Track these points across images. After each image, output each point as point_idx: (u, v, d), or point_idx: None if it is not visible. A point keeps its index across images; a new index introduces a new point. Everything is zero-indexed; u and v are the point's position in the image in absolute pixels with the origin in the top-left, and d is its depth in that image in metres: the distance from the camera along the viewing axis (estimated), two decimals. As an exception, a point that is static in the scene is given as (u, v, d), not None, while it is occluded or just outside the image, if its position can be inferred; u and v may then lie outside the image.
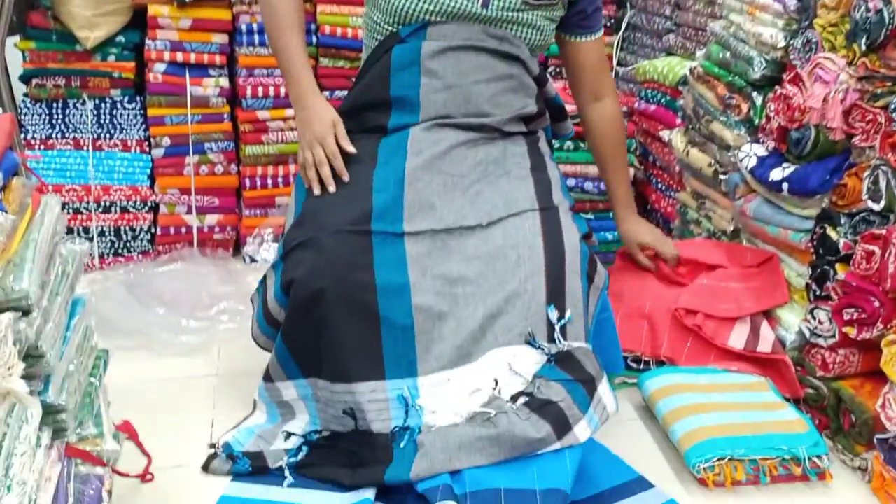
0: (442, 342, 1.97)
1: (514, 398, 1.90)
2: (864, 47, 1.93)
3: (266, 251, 3.16)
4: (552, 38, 2.29)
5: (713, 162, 2.56)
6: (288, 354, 2.03)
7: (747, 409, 2.12)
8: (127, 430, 2.05)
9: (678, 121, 2.83)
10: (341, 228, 2.02)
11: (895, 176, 1.87)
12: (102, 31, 2.92)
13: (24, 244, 1.49)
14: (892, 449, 1.90)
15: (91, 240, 3.02)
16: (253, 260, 3.15)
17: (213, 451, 2.03)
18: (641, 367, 2.39)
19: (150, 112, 3.03)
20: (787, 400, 2.19)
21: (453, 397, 1.95)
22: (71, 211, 3.00)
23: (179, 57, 3.01)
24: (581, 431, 1.84)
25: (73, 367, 1.66)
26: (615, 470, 2.00)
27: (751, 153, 2.31)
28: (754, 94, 2.34)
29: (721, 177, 2.51)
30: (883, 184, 1.91)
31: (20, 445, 1.35)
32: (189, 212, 3.14)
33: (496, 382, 1.92)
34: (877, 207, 1.94)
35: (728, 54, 2.45)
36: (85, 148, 3.00)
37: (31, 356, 1.45)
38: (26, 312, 1.41)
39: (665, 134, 2.86)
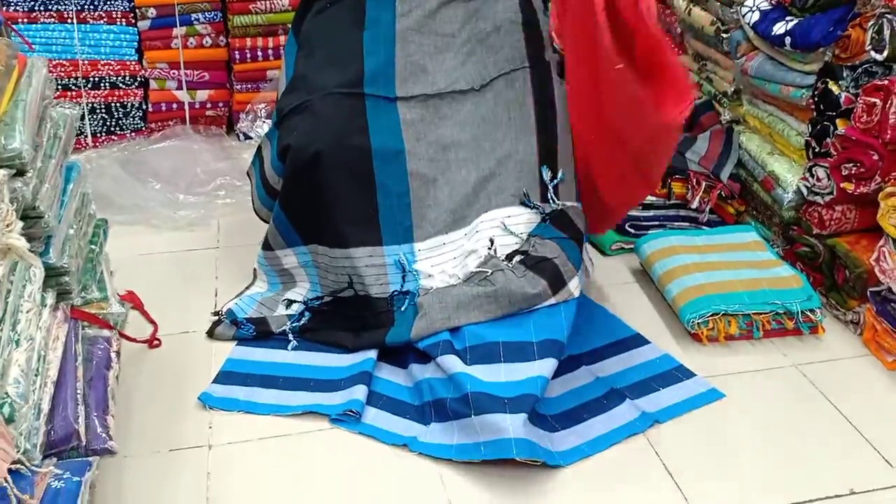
0: (437, 207, 1.98)
1: (509, 257, 1.92)
2: None
3: (259, 128, 3.11)
4: None
5: (715, 20, 2.49)
6: (287, 221, 2.04)
7: (742, 268, 2.15)
8: (131, 300, 2.07)
9: (680, -21, 2.73)
10: (333, 91, 1.99)
11: (900, 24, 1.83)
12: None
13: (14, 104, 1.47)
14: (885, 301, 1.94)
15: (82, 117, 2.98)
16: (247, 136, 3.11)
17: (216, 317, 2.07)
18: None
19: (134, -19, 2.92)
20: (783, 258, 2.22)
21: (449, 260, 1.98)
22: (60, 87, 2.94)
23: (161, -79, 2.88)
24: (574, 286, 1.88)
25: (73, 232, 1.67)
26: (612, 327, 2.05)
27: (754, 7, 2.24)
28: (758, -55, 2.26)
29: (723, 35, 2.45)
30: (887, 33, 1.86)
31: (25, 303, 1.37)
32: (179, 87, 3.07)
33: (491, 242, 1.94)
34: (880, 58, 1.90)
35: None
36: (69, 20, 2.91)
37: (30, 217, 1.45)
38: (21, 172, 1.41)
39: (667, -7, 2.78)
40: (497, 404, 1.63)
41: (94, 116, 3.02)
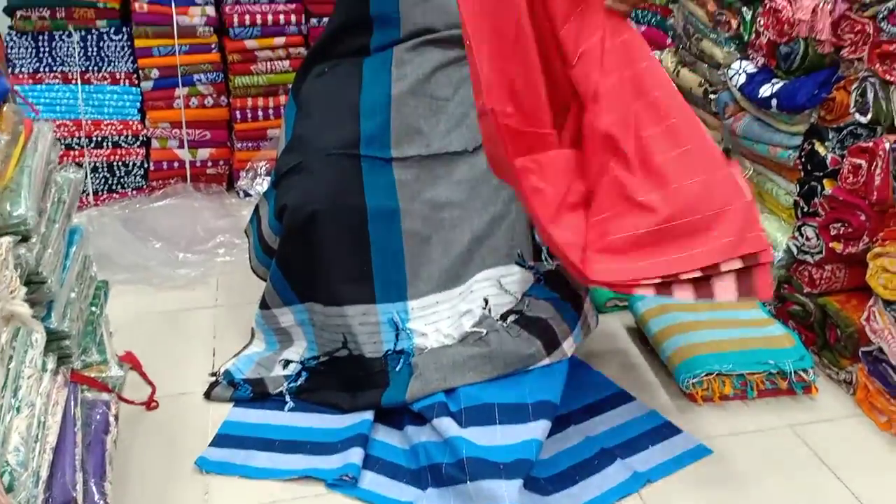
0: (430, 265, 2.01)
1: (503, 317, 1.94)
2: (852, -42, 1.92)
3: (259, 185, 3.16)
4: None
5: (703, 81, 2.56)
6: (283, 279, 2.06)
7: (736, 326, 2.17)
8: (130, 361, 2.09)
9: (668, 41, 2.81)
10: (331, 152, 2.04)
11: (882, 87, 1.88)
12: (86, -40, 2.87)
13: (19, 170, 1.50)
14: (877, 361, 1.95)
15: (85, 176, 3.02)
16: (247, 194, 3.16)
17: (214, 378, 2.08)
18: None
19: (138, 43, 2.99)
20: (775, 316, 2.24)
21: (443, 319, 2.00)
22: (63, 147, 2.99)
23: (165, -14, 2.97)
24: (568, 347, 1.89)
25: (75, 295, 1.69)
26: (597, 385, 2.06)
27: (740, 70, 2.30)
28: (744, 9, 2.33)
29: (711, 96, 2.51)
30: (870, 96, 1.91)
31: (27, 369, 1.38)
32: (181, 146, 3.13)
33: (486, 302, 1.96)
34: (864, 120, 1.95)
35: (718, -30, 2.43)
36: (73, 81, 2.97)
37: (33, 282, 1.47)
38: (25, 238, 1.43)
39: (655, 55, 2.84)
40: (493, 470, 1.64)
41: (97, 175, 3.07)
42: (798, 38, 2.11)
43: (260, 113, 3.16)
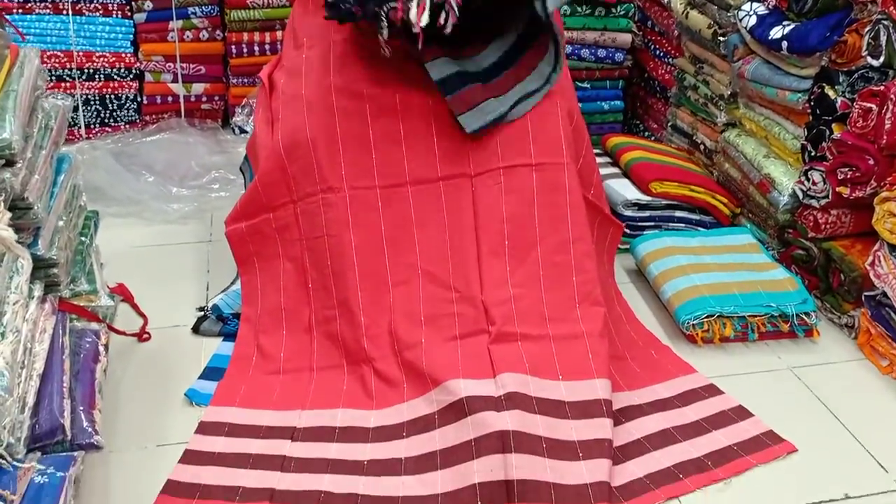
0: None
1: None
2: None
3: (255, 122, 3.11)
4: None
5: (712, 23, 2.49)
6: None
7: (738, 270, 2.14)
8: (121, 293, 2.06)
9: (678, -19, 2.73)
10: None
11: (897, 30, 1.82)
12: None
13: (4, 94, 1.45)
14: (880, 305, 1.93)
15: (76, 108, 2.96)
16: (242, 130, 3.09)
17: (202, 313, 2.05)
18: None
19: (131, -27, 2.91)
20: (778, 261, 2.21)
21: None
22: (54, 79, 2.92)
23: (159, -87, 2.87)
24: None
25: (63, 223, 1.66)
26: None
27: (751, 12, 2.24)
28: (756, -51, 2.26)
29: (720, 38, 2.44)
30: (883, 39, 1.86)
31: (12, 295, 1.35)
32: (175, 80, 3.06)
33: None
34: (876, 63, 1.90)
35: None
36: (65, 12, 2.89)
37: (18, 208, 1.44)
38: (10, 162, 1.39)
39: (666, -5, 2.77)
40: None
41: (89, 108, 3.01)
42: (811, -23, 2.04)
43: (256, 48, 3.08)
